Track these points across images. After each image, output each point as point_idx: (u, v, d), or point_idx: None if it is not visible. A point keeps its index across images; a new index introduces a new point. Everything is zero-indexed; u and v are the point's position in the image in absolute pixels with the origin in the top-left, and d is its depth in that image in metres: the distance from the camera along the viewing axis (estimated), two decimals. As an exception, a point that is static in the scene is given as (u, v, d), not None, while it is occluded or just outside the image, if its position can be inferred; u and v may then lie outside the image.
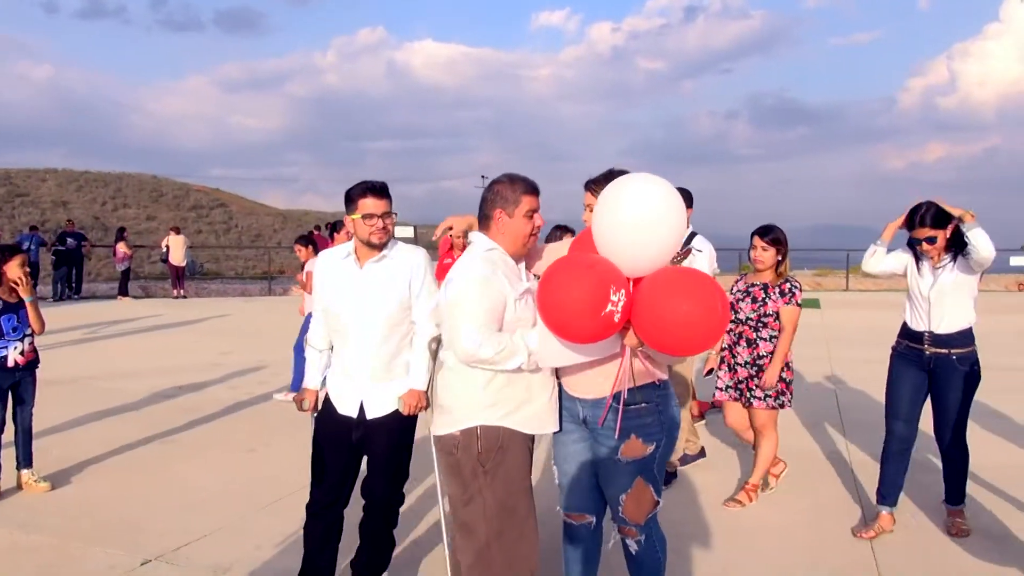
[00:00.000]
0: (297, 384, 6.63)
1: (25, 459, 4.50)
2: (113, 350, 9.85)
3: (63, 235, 17.09)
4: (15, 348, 4.35)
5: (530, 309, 2.58)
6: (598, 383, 2.53)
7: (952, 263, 3.72)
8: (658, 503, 2.64)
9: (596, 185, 2.59)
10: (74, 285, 16.92)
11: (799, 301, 4.15)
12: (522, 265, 2.71)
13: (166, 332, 11.67)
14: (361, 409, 2.99)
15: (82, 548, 3.70)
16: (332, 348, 3.18)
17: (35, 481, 4.47)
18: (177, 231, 18.32)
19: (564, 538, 2.84)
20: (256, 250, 33.46)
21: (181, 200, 36.83)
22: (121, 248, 17.09)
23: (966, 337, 3.75)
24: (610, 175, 2.53)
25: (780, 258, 4.22)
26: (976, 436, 4.51)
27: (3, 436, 4.38)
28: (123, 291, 16.94)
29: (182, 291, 17.69)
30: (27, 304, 4.39)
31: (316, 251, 6.57)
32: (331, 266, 3.07)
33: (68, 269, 16.74)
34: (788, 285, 4.18)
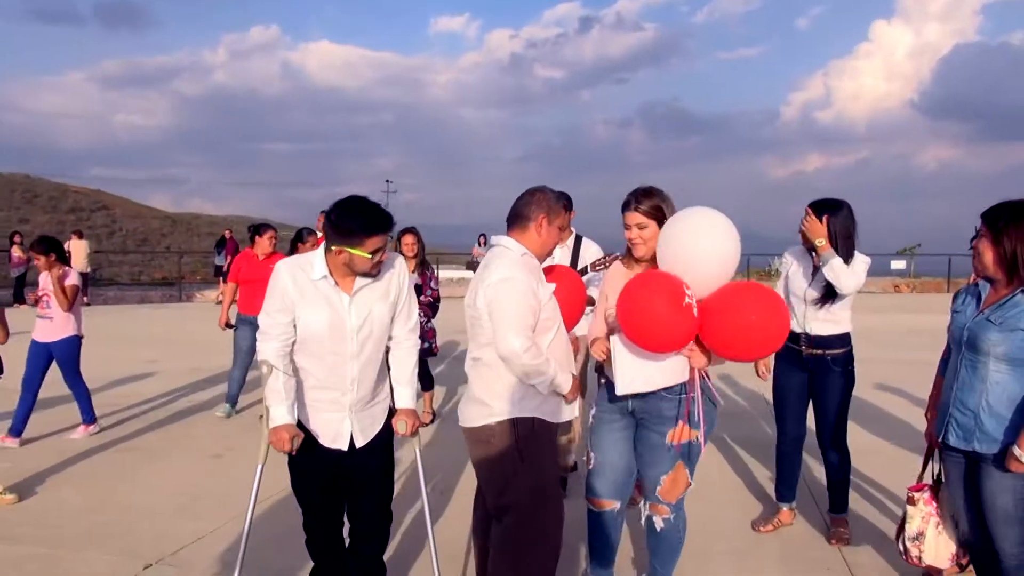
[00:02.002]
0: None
1: None
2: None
3: None
4: None
5: (555, 311, 2.81)
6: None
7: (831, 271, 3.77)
8: (690, 484, 2.89)
9: (640, 204, 2.84)
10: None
11: None
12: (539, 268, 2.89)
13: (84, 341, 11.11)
14: (351, 439, 2.81)
15: (75, 555, 3.66)
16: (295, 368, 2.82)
17: (1, 493, 4.33)
18: (80, 235, 17.40)
19: (590, 525, 3.07)
20: (143, 255, 31.97)
21: (58, 202, 34.74)
22: (16, 252, 16.03)
23: (842, 340, 3.77)
24: (649, 192, 2.87)
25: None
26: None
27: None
28: (19, 298, 15.89)
29: (85, 298, 16.70)
30: None
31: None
32: (302, 285, 2.69)
33: None
34: None
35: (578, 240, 4.69)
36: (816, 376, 3.81)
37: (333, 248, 2.61)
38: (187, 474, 4.89)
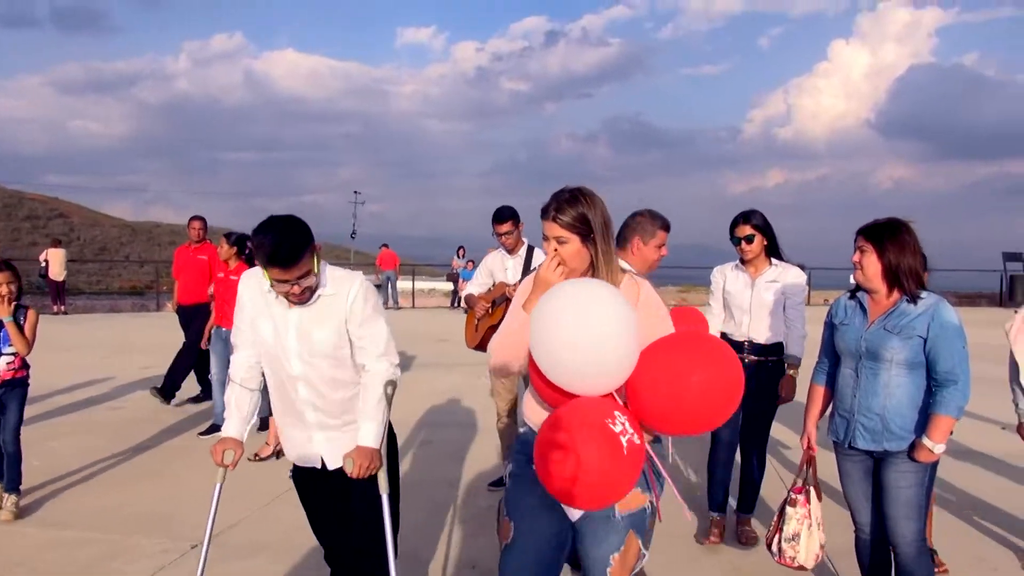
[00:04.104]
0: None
1: (8, 483, 4.41)
2: (44, 367, 9.48)
3: None
4: None
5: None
6: None
7: (773, 282, 3.99)
8: (644, 556, 2.28)
9: (560, 214, 2.20)
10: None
11: None
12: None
13: (72, 349, 11.29)
14: (323, 464, 2.69)
15: (126, 538, 4.11)
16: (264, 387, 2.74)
17: (10, 507, 4.35)
18: (57, 244, 17.47)
19: None
20: (101, 264, 31.67)
21: (13, 209, 34.11)
22: None
23: (779, 348, 4.02)
24: (574, 199, 2.21)
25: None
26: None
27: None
28: None
29: (63, 307, 16.87)
30: (5, 323, 4.33)
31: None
32: (255, 297, 2.59)
33: None
34: None
35: (530, 250, 4.88)
36: (751, 380, 4.01)
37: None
38: (212, 470, 5.32)
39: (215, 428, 6.15)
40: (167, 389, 7.28)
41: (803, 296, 4.08)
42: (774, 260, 4.04)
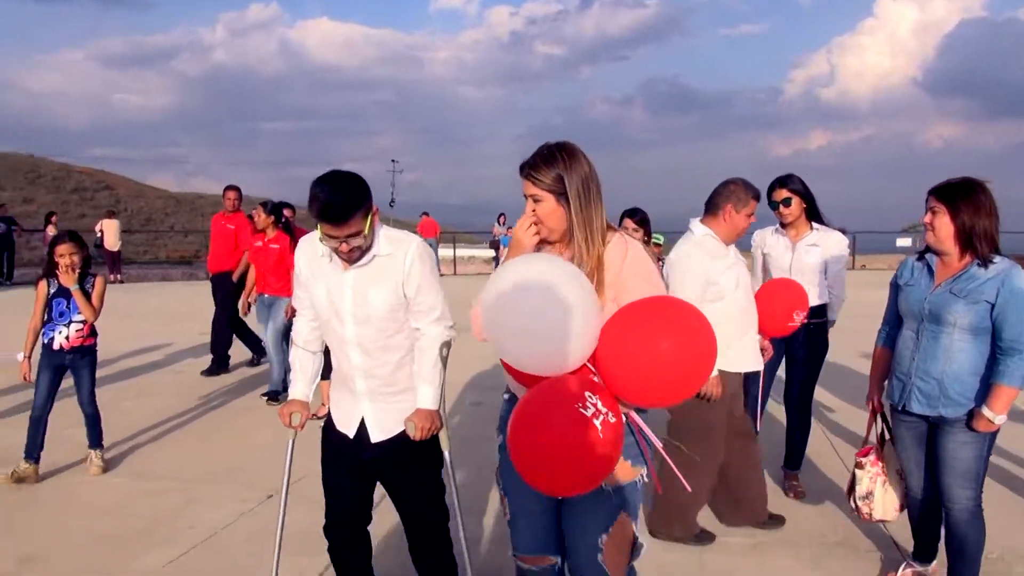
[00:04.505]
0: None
1: (92, 440, 4.66)
2: (107, 334, 9.84)
3: None
4: (60, 332, 4.51)
5: (729, 284, 3.40)
6: None
7: (814, 246, 4.02)
8: (640, 544, 2.16)
9: (534, 172, 2.09)
10: (4, 271, 16.45)
11: None
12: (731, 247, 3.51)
13: (131, 317, 11.70)
14: (363, 428, 2.60)
15: (207, 488, 4.40)
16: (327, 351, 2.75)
17: (96, 462, 4.63)
18: (112, 215, 18.10)
19: None
20: (147, 234, 32.42)
21: (62, 182, 35.06)
22: (50, 231, 16.69)
23: (822, 310, 4.08)
24: (551, 156, 2.09)
25: (647, 238, 4.53)
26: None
27: (52, 416, 4.55)
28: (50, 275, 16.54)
29: (119, 276, 17.44)
30: (72, 292, 4.46)
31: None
32: (311, 260, 2.58)
33: None
34: (661, 264, 4.45)
35: None
36: (794, 342, 4.05)
37: None
38: (276, 426, 5.62)
39: (275, 393, 6.32)
40: (216, 366, 7.55)
41: (844, 262, 4.12)
42: (815, 224, 4.08)
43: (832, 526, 3.82)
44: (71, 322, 4.53)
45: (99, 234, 17.77)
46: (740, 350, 3.50)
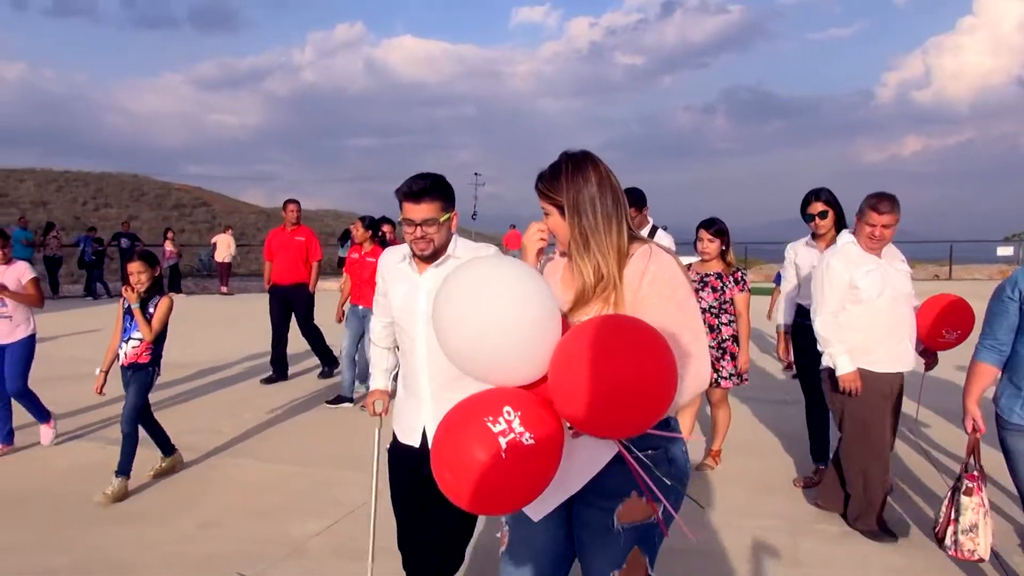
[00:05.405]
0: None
1: (120, 464, 4.46)
2: (219, 340, 10.46)
3: (118, 235, 18.66)
4: (122, 348, 4.55)
5: (871, 286, 3.63)
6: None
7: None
8: None
9: (543, 185, 2.02)
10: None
11: (749, 287, 4.74)
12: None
13: (238, 325, 12.63)
14: (425, 439, 2.65)
15: (335, 472, 4.87)
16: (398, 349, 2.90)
17: (109, 492, 4.36)
18: (227, 230, 19.39)
19: None
20: (239, 248, 33.99)
21: (163, 199, 37.13)
22: (168, 246, 18.07)
23: None
24: (556, 169, 1.99)
25: (724, 248, 4.65)
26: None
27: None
28: (175, 287, 17.90)
29: (225, 288, 18.73)
30: (133, 310, 4.49)
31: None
32: (390, 267, 2.75)
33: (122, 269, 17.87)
34: (740, 274, 4.70)
35: (653, 230, 4.99)
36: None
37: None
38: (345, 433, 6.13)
39: (342, 399, 6.70)
40: (326, 365, 8.02)
41: None
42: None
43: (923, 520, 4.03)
44: (129, 339, 4.55)
45: (213, 245, 19.26)
46: (885, 353, 3.70)
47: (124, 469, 4.45)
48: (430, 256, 2.60)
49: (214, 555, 3.70)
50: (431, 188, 2.50)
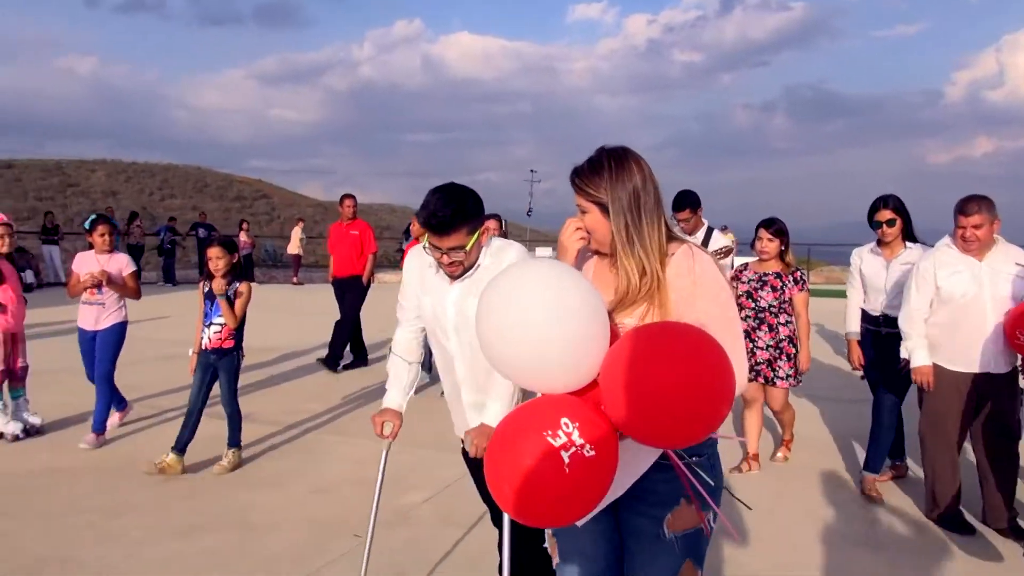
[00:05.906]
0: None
1: (229, 438, 4.78)
2: (296, 328, 10.89)
3: (196, 225, 19.58)
4: (205, 332, 4.71)
5: (958, 285, 3.72)
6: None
7: (906, 264, 4.21)
8: None
9: (581, 182, 1.92)
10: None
11: (808, 287, 4.77)
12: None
13: (310, 315, 13.00)
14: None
15: (430, 453, 5.15)
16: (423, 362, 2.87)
17: (225, 463, 4.69)
18: (299, 222, 20.42)
19: None
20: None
21: (224, 191, 38.24)
22: (243, 237, 18.81)
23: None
24: (597, 165, 1.91)
25: (783, 248, 4.68)
26: None
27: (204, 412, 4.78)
28: (248, 276, 18.50)
29: (295, 278, 19.66)
30: (217, 298, 4.64)
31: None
32: (420, 270, 2.62)
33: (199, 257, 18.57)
34: (799, 274, 4.71)
35: (709, 231, 5.05)
36: (886, 350, 4.31)
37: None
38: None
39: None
40: (331, 360, 7.92)
41: None
42: (908, 243, 4.35)
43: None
44: (211, 323, 4.70)
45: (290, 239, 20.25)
46: (962, 352, 3.79)
47: (235, 441, 4.82)
48: (461, 274, 2.51)
49: (330, 517, 4.07)
50: (452, 220, 2.34)
